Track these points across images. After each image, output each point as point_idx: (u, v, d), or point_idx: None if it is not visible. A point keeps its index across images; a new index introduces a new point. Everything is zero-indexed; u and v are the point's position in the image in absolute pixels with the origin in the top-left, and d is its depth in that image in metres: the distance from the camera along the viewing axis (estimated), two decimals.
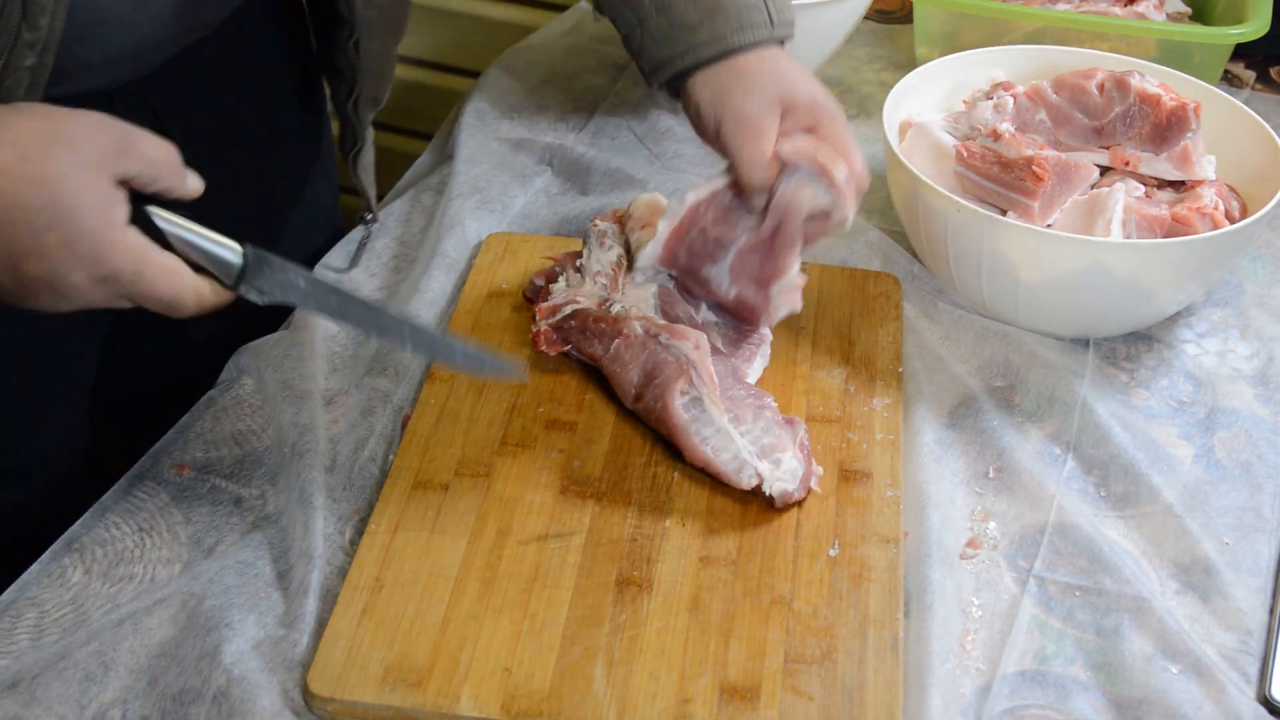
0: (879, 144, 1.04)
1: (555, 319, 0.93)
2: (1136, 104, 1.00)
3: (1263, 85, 1.34)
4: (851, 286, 1.02)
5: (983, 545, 0.84)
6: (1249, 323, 1.02)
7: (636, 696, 0.72)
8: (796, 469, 0.83)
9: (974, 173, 0.99)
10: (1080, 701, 0.75)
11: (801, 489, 0.83)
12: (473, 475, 0.85)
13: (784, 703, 0.72)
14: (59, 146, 0.63)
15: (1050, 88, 1.03)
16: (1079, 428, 0.91)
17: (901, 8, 1.48)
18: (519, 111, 1.27)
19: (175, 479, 0.87)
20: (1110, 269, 0.92)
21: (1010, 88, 1.05)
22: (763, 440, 0.84)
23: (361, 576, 0.78)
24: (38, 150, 0.63)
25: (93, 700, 0.73)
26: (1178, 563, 0.83)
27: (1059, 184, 0.97)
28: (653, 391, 0.86)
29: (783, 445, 0.84)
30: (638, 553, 0.80)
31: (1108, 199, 0.96)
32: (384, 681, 0.73)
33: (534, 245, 1.05)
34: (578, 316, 0.92)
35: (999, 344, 0.98)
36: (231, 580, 0.79)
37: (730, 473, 0.83)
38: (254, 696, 0.72)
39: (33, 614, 0.78)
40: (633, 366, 0.88)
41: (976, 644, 0.78)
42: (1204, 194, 0.97)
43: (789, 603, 0.78)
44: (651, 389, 0.86)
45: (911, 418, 0.92)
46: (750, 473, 0.82)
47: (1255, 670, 0.77)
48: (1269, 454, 0.91)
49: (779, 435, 0.84)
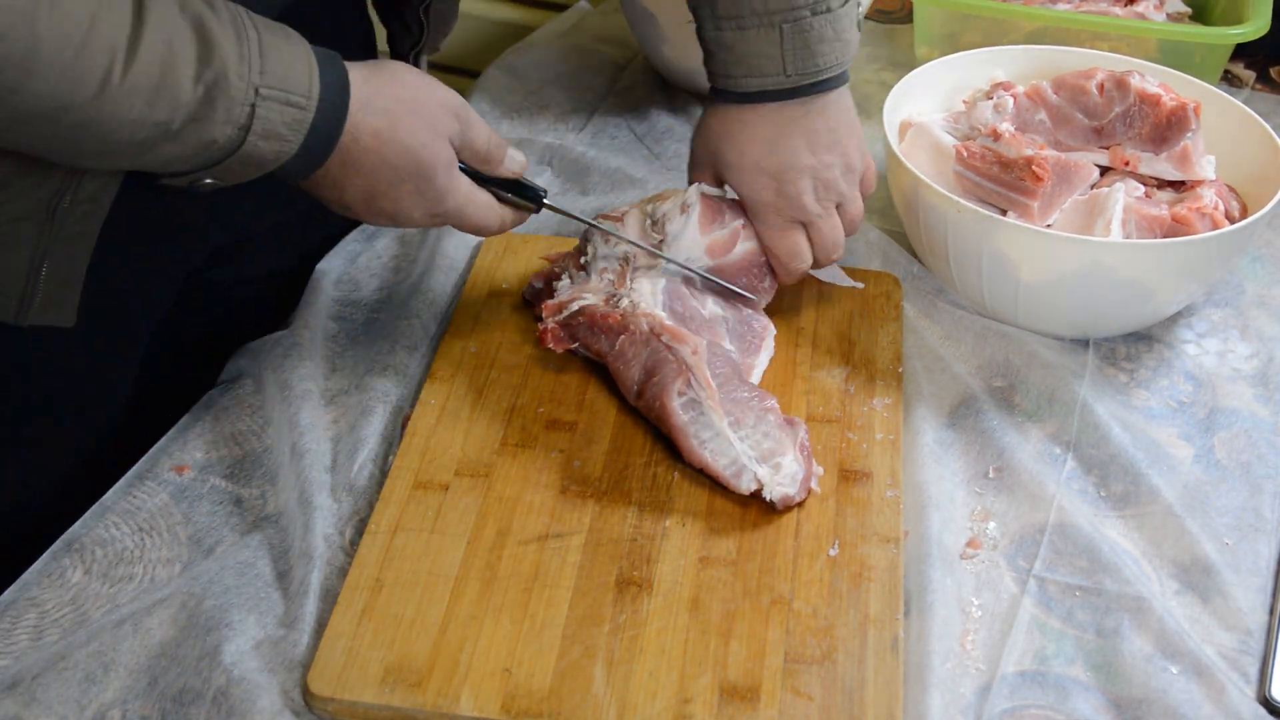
0: (879, 144, 1.04)
1: (562, 316, 0.92)
2: (1136, 104, 1.00)
3: (1263, 85, 1.34)
4: (851, 287, 1.02)
5: (983, 545, 0.84)
6: (1249, 323, 1.02)
7: (636, 696, 0.72)
8: (796, 472, 0.83)
9: (974, 173, 0.99)
10: (1080, 701, 0.75)
11: (802, 491, 0.83)
12: (473, 475, 0.85)
13: (784, 703, 0.72)
14: (418, 117, 0.79)
15: (1050, 88, 1.03)
16: (1079, 428, 0.91)
17: (901, 8, 1.48)
18: (519, 111, 1.27)
19: (175, 479, 0.87)
20: (1110, 269, 0.92)
21: (1010, 88, 1.05)
22: (763, 445, 0.84)
23: (361, 576, 0.78)
24: (403, 119, 0.79)
25: (93, 700, 0.73)
26: (1178, 563, 0.83)
27: (1059, 184, 0.97)
28: (652, 389, 0.86)
29: (783, 449, 0.83)
30: (638, 553, 0.80)
31: (1108, 199, 0.96)
32: (384, 681, 0.73)
33: (534, 245, 1.05)
34: (585, 313, 0.91)
35: (999, 344, 0.98)
36: (231, 580, 0.79)
37: (729, 477, 0.83)
38: (254, 697, 0.72)
39: (33, 614, 0.78)
40: (635, 363, 0.88)
41: (976, 644, 0.78)
42: (1204, 194, 0.97)
43: (789, 603, 0.78)
44: (650, 386, 0.87)
45: (911, 418, 0.92)
46: (750, 478, 0.82)
47: (1255, 670, 0.77)
48: (1269, 454, 0.91)
49: (779, 439, 0.84)
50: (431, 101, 0.81)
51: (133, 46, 0.67)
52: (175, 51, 0.69)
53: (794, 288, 1.01)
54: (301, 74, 0.74)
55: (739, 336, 0.94)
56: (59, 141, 0.71)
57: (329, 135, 0.76)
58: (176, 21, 0.69)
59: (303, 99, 0.74)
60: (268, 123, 0.73)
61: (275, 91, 0.72)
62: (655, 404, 0.86)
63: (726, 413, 0.84)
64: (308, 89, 0.74)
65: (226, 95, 0.70)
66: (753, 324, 0.96)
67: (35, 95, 0.66)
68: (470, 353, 0.95)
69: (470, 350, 0.95)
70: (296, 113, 0.73)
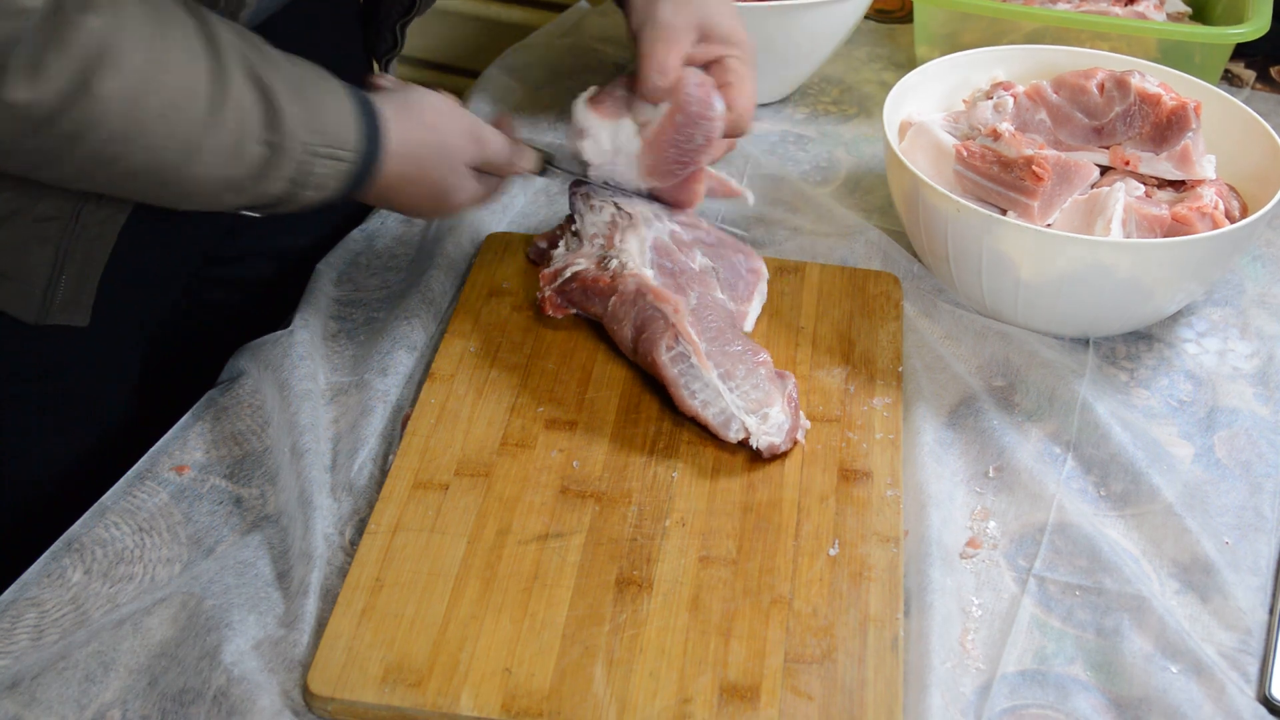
0: (879, 144, 1.04)
1: (557, 283, 0.96)
2: (1136, 104, 1.00)
3: (1263, 85, 1.34)
4: (851, 286, 1.02)
5: (983, 545, 0.84)
6: (1249, 322, 1.02)
7: (636, 696, 0.72)
8: (783, 422, 0.86)
9: (974, 172, 0.99)
10: (1080, 701, 0.75)
11: (788, 441, 0.86)
12: (473, 475, 0.85)
13: (784, 702, 0.72)
14: (443, 155, 0.88)
15: (1050, 87, 1.03)
16: (1079, 427, 0.91)
17: (901, 8, 1.48)
18: (519, 111, 1.27)
19: (175, 479, 0.87)
20: (1110, 268, 0.92)
21: (1010, 87, 1.05)
22: (752, 395, 0.87)
23: (361, 576, 0.78)
24: (429, 161, 0.87)
25: (93, 700, 0.73)
26: (1178, 562, 0.83)
27: (1059, 183, 0.97)
28: (644, 345, 0.90)
29: (770, 399, 0.87)
30: (638, 552, 0.80)
31: (1108, 198, 0.96)
32: (384, 681, 0.73)
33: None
34: (578, 278, 0.95)
35: (999, 343, 0.98)
36: (231, 580, 0.79)
37: (718, 426, 0.87)
38: (254, 696, 0.72)
39: (33, 614, 0.78)
40: (626, 322, 0.92)
41: (976, 643, 0.78)
42: (1204, 193, 0.97)
43: (789, 602, 0.78)
44: (642, 343, 0.91)
45: (911, 417, 0.92)
46: (738, 426, 0.86)
47: (1255, 670, 0.77)
48: (1269, 453, 0.91)
49: (768, 390, 0.87)
50: (453, 133, 0.88)
51: (214, 114, 0.74)
52: (247, 118, 0.75)
53: (794, 286, 1.01)
54: (347, 128, 0.81)
55: (730, 285, 0.98)
56: (134, 193, 0.79)
57: (365, 178, 0.83)
58: (246, 89, 0.75)
59: (348, 153, 0.81)
60: (317, 176, 0.80)
61: (325, 149, 0.79)
62: (647, 359, 0.90)
63: (717, 365, 0.88)
64: (352, 143, 0.81)
65: (286, 155, 0.78)
66: (743, 272, 0.99)
67: (130, 164, 0.73)
68: (470, 353, 0.95)
69: (470, 350, 0.95)
70: (341, 165, 0.81)
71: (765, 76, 1.27)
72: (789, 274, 1.03)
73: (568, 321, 0.98)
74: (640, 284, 0.92)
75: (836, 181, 1.19)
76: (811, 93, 1.32)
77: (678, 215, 1.00)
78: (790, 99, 1.31)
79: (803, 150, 1.23)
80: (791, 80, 1.29)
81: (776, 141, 1.24)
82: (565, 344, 0.96)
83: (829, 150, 1.23)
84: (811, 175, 1.19)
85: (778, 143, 1.24)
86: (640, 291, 0.92)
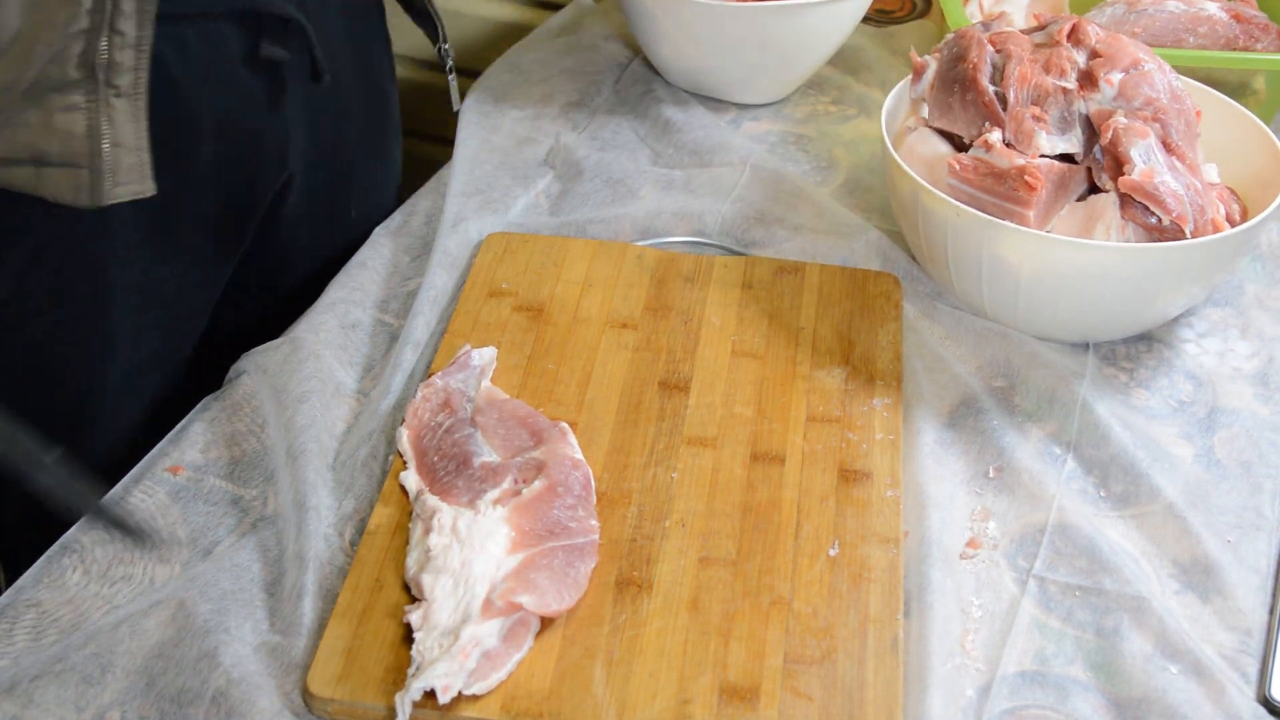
0: (878, 144, 1.04)
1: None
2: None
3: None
4: (851, 286, 1.02)
5: (983, 545, 0.84)
6: (1249, 322, 1.02)
7: (636, 696, 0.72)
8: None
9: (968, 185, 0.97)
10: (1080, 701, 0.75)
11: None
12: None
13: (784, 703, 0.72)
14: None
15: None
16: (1079, 427, 0.91)
17: (901, 8, 1.48)
18: (520, 111, 1.27)
19: (174, 480, 0.87)
20: (1111, 273, 0.92)
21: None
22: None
23: (361, 576, 0.78)
24: None
25: (91, 702, 0.73)
26: (1178, 562, 0.83)
27: (1054, 190, 0.97)
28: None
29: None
30: (638, 553, 0.80)
31: (1107, 203, 0.96)
32: (384, 681, 0.72)
33: (534, 245, 1.05)
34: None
35: (999, 344, 0.98)
36: (230, 581, 0.79)
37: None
38: (253, 697, 0.72)
39: (31, 615, 0.78)
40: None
41: (976, 644, 0.78)
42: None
43: (789, 603, 0.78)
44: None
45: (911, 418, 0.92)
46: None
47: (1255, 670, 0.77)
48: (1269, 453, 0.91)
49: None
50: None
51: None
52: None
53: (794, 286, 1.01)
54: None
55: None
56: None
57: None
58: None
59: None
60: None
61: None
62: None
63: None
64: None
65: None
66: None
67: None
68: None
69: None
70: None
71: (765, 76, 1.27)
72: (789, 274, 1.03)
73: (568, 321, 0.98)
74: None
75: (836, 181, 1.19)
76: (811, 93, 1.32)
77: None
78: (790, 99, 1.31)
79: (802, 150, 1.23)
80: (791, 80, 1.29)
81: (776, 141, 1.24)
82: (565, 344, 0.96)
83: (829, 150, 1.23)
84: (811, 175, 1.19)
85: (777, 143, 1.24)
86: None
